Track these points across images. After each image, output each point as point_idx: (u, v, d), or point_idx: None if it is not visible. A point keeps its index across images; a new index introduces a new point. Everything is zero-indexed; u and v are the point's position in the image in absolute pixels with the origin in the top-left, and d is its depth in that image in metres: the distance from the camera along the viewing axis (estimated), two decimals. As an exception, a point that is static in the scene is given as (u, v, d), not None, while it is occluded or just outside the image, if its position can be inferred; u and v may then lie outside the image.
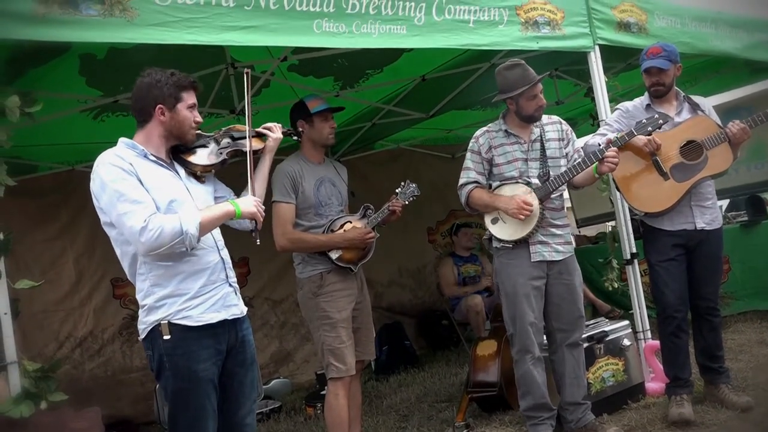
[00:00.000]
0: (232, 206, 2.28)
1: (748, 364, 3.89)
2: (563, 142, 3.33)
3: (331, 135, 3.32)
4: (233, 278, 2.38)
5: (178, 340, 2.15)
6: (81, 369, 5.12)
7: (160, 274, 2.17)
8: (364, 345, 3.30)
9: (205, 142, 2.44)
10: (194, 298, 2.19)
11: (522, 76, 3.15)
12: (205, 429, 2.19)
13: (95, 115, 4.33)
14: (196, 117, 2.32)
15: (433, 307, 6.66)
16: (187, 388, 2.17)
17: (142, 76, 2.28)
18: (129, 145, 2.24)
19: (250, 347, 2.40)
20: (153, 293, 2.17)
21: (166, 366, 2.16)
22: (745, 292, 5.13)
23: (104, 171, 2.13)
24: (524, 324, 3.15)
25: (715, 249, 3.31)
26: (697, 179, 3.18)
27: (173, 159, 2.35)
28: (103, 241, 5.69)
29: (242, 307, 2.38)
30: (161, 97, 2.24)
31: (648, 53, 3.30)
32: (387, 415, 4.36)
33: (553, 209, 3.25)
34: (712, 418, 3.13)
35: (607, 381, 3.54)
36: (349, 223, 3.27)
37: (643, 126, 3.09)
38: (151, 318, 2.17)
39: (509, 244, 3.20)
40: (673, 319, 3.25)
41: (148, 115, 2.26)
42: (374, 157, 6.71)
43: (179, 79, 2.27)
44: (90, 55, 3.47)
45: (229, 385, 2.31)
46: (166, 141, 2.30)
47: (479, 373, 3.87)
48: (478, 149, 3.30)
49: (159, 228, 2.06)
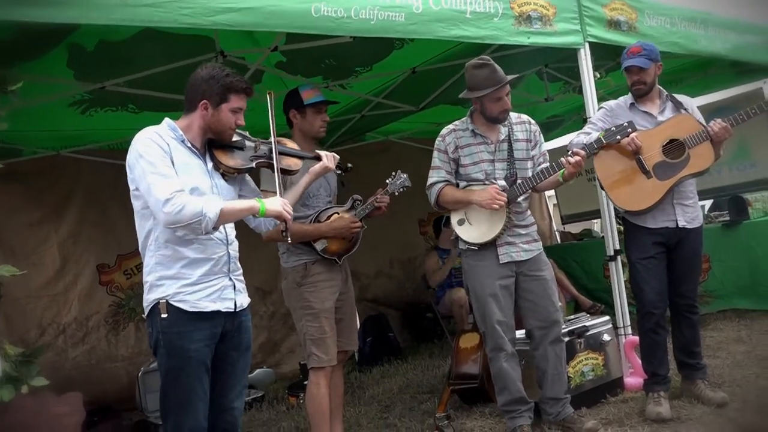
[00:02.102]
0: (258, 203, 2.35)
1: (725, 361, 3.96)
2: (531, 143, 3.33)
3: (322, 128, 3.31)
4: (237, 273, 2.45)
5: (174, 319, 2.23)
6: (64, 356, 5.07)
7: (166, 254, 2.26)
8: (347, 336, 3.32)
9: (242, 145, 2.50)
10: (193, 285, 2.27)
11: (488, 77, 3.13)
12: (194, 408, 2.25)
13: (83, 110, 4.31)
14: (239, 120, 2.40)
15: (417, 300, 6.68)
16: (178, 366, 2.24)
17: (200, 68, 2.38)
18: (171, 127, 2.35)
19: (246, 333, 2.48)
20: (155, 271, 2.26)
21: (161, 344, 2.24)
22: (725, 291, 5.19)
23: (141, 144, 2.23)
24: (492, 323, 3.18)
25: (695, 247, 3.36)
26: (679, 177, 3.22)
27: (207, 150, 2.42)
28: (89, 226, 5.67)
29: (240, 301, 2.44)
30: (208, 93, 2.32)
31: (628, 52, 3.33)
32: (369, 405, 4.39)
33: (518, 212, 3.27)
34: (688, 413, 3.18)
35: (586, 375, 3.59)
36: (336, 214, 3.27)
37: (612, 134, 3.14)
38: (152, 296, 2.27)
39: (475, 246, 3.22)
40: (652, 315, 3.29)
41: (193, 105, 2.35)
42: (364, 148, 6.70)
43: (232, 81, 2.34)
44: (79, 46, 3.44)
45: (222, 367, 2.37)
46: (203, 133, 2.38)
47: (461, 366, 3.91)
48: (445, 148, 3.30)
49: (182, 204, 2.14)
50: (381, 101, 5.27)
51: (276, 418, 4.47)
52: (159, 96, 4.24)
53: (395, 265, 6.89)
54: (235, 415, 2.45)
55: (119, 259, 5.39)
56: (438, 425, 3.37)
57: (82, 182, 5.29)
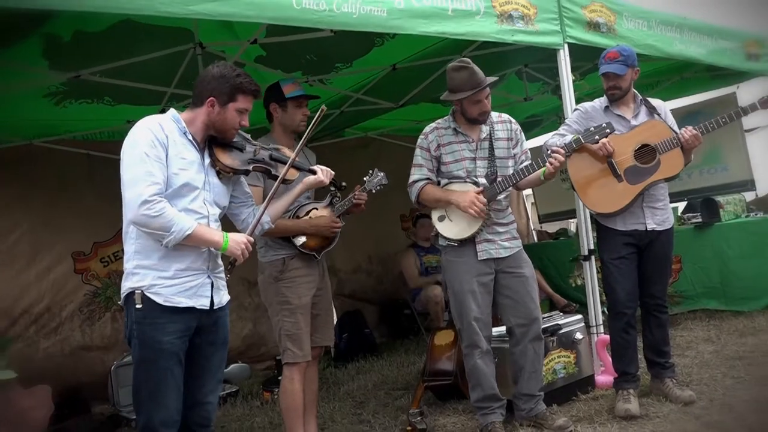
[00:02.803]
0: (223, 240, 2.34)
1: (694, 360, 4.03)
2: (512, 142, 3.36)
3: (303, 122, 3.29)
4: (218, 271, 2.44)
5: (148, 310, 2.23)
6: (35, 347, 4.95)
7: (145, 244, 2.26)
8: (322, 331, 3.31)
9: (242, 146, 2.51)
10: (169, 279, 2.26)
11: (468, 80, 3.15)
12: (166, 400, 2.24)
13: (58, 101, 4.23)
14: (243, 121, 2.42)
15: (395, 296, 6.71)
16: (151, 358, 2.23)
17: (213, 65, 2.41)
18: (175, 118, 2.35)
19: (223, 328, 2.46)
20: (133, 259, 2.27)
21: (135, 334, 2.24)
22: (695, 291, 5.28)
23: (139, 132, 2.24)
24: (469, 320, 3.21)
25: (665, 249, 3.41)
26: (649, 182, 3.27)
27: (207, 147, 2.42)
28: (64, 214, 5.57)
29: (219, 299, 2.42)
30: (217, 91, 2.34)
31: (606, 57, 3.36)
32: (343, 401, 4.40)
33: (499, 210, 3.30)
34: (656, 410, 3.24)
35: (558, 373, 3.63)
36: (315, 210, 3.26)
37: (591, 134, 3.17)
38: (128, 284, 2.26)
39: (454, 242, 3.24)
40: (623, 315, 3.34)
41: (200, 101, 2.36)
42: (343, 144, 6.70)
43: (242, 82, 2.36)
44: (55, 36, 3.37)
45: (197, 361, 2.37)
46: (206, 129, 2.39)
47: (436, 362, 3.93)
48: (427, 146, 3.32)
49: (158, 213, 2.16)
50: (361, 97, 5.27)
51: (250, 414, 4.46)
52: (135, 86, 4.18)
53: (374, 260, 6.89)
54: (209, 409, 2.44)
55: (96, 246, 5.30)
56: (411, 421, 3.38)
57: (54, 171, 5.18)
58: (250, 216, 2.61)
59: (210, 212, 2.39)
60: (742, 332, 4.53)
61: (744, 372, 3.63)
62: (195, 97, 2.39)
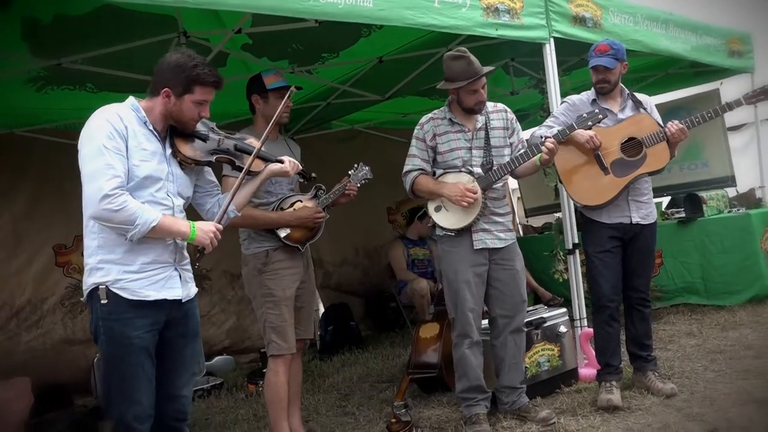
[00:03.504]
0: (189, 230, 2.27)
1: (676, 353, 4.08)
2: (508, 131, 3.37)
3: (285, 113, 3.26)
4: (184, 263, 2.38)
5: (114, 306, 2.16)
6: (16, 341, 4.91)
7: (109, 238, 2.19)
8: (305, 324, 3.31)
9: (205, 136, 2.43)
10: (136, 273, 2.20)
11: (464, 69, 3.15)
12: (139, 395, 2.19)
13: (39, 87, 4.16)
14: (203, 112, 2.34)
15: (381, 289, 6.70)
16: (120, 354, 2.18)
17: (171, 52, 2.32)
18: (134, 107, 2.28)
19: (193, 320, 2.41)
20: (96, 254, 2.19)
21: (101, 331, 2.18)
22: (675, 286, 5.32)
23: (97, 123, 2.16)
24: (464, 309, 3.22)
25: (648, 243, 3.44)
26: (636, 175, 3.29)
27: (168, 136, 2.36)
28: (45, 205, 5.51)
29: (187, 292, 2.36)
30: (172, 82, 2.25)
31: (596, 50, 3.36)
32: (328, 393, 4.40)
33: (495, 198, 3.31)
34: (639, 403, 3.27)
35: (542, 365, 3.65)
36: (299, 202, 3.25)
37: (584, 120, 3.16)
38: (91, 280, 2.20)
39: (451, 232, 3.25)
40: (606, 308, 3.37)
41: (157, 90, 2.28)
42: (330, 135, 6.67)
43: (200, 73, 2.26)
44: (34, 19, 3.31)
45: (169, 355, 2.32)
46: (165, 119, 2.32)
47: (420, 355, 3.94)
48: (423, 136, 3.32)
49: (120, 206, 2.09)
50: (347, 89, 5.24)
51: (234, 406, 4.45)
52: (117, 74, 4.12)
53: (361, 253, 6.89)
54: (184, 403, 2.39)
55: (77, 239, 5.21)
56: (396, 414, 3.38)
57: (36, 161, 5.12)
58: (215, 206, 2.54)
59: (174, 203, 2.33)
60: (724, 326, 4.59)
61: (725, 365, 3.67)
62: (152, 84, 2.30)
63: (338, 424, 3.67)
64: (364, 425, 3.60)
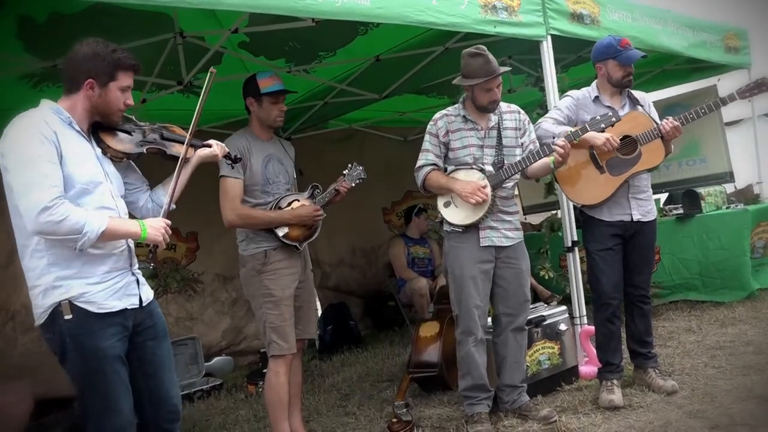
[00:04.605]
0: (140, 228, 2.18)
1: (676, 350, 4.08)
2: (519, 131, 3.36)
3: (279, 118, 3.25)
4: (136, 266, 2.33)
5: (80, 319, 2.07)
6: (13, 344, 4.88)
7: (61, 253, 2.07)
8: (305, 324, 3.30)
9: (130, 129, 2.35)
10: (97, 284, 2.12)
11: (481, 67, 3.16)
12: (120, 404, 2.12)
13: (35, 83, 4.11)
14: (128, 100, 2.24)
15: (379, 288, 6.70)
16: (94, 368, 2.09)
17: (81, 43, 2.17)
18: (54, 110, 2.14)
19: (159, 319, 2.35)
20: (49, 272, 2.07)
21: (70, 347, 2.07)
22: (672, 282, 5.31)
23: (22, 130, 2.02)
24: (469, 306, 3.21)
25: (649, 240, 3.44)
26: (631, 173, 3.29)
27: (91, 135, 2.26)
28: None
29: (146, 295, 2.30)
30: (94, 71, 2.14)
31: (623, 44, 3.31)
32: (328, 393, 4.39)
33: (505, 197, 3.30)
34: (639, 400, 3.27)
35: (542, 364, 3.65)
36: (296, 201, 3.24)
37: (597, 122, 3.13)
38: (49, 300, 2.07)
39: (459, 228, 3.25)
40: (608, 306, 3.36)
41: (77, 85, 2.16)
42: (327, 135, 6.66)
43: (120, 57, 2.17)
44: (29, 18, 3.28)
45: (146, 360, 2.27)
46: (89, 116, 2.21)
47: (421, 354, 3.93)
48: (436, 132, 3.31)
49: (63, 216, 1.96)
50: (344, 88, 5.22)
51: (234, 406, 4.44)
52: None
53: (358, 253, 6.88)
54: (174, 402, 2.34)
55: (72, 244, 5.22)
56: (396, 413, 3.38)
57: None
58: (148, 201, 2.44)
59: (119, 206, 2.26)
60: (723, 322, 4.59)
61: (725, 362, 3.67)
62: (69, 81, 2.17)
63: (339, 424, 3.66)
64: (365, 425, 3.59)
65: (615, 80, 3.37)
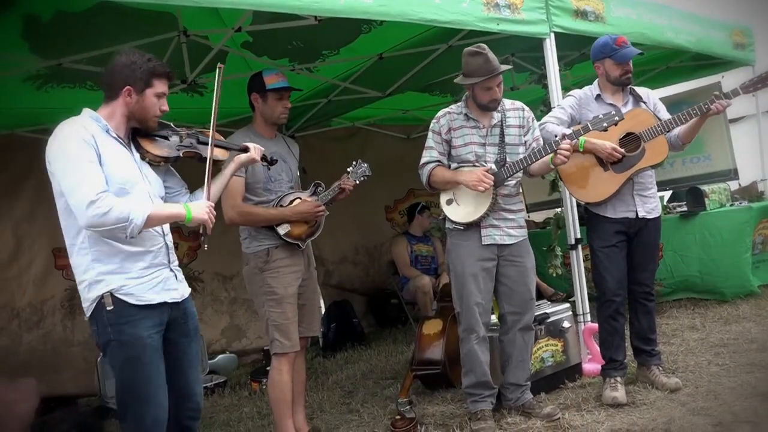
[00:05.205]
0: (184, 210, 2.30)
1: (679, 347, 4.07)
2: (523, 129, 3.35)
3: (283, 115, 3.24)
4: (175, 263, 2.42)
5: (121, 310, 2.17)
6: (18, 342, 4.94)
7: (103, 250, 2.19)
8: (308, 321, 3.30)
9: (168, 134, 2.45)
10: (136, 278, 2.23)
11: (482, 66, 3.15)
12: (158, 397, 2.21)
13: (39, 85, 4.14)
14: (163, 106, 2.34)
15: (382, 286, 6.71)
16: (135, 355, 2.18)
17: (119, 54, 2.30)
18: (93, 117, 2.26)
19: (193, 319, 2.44)
20: (93, 268, 2.18)
21: (112, 337, 2.18)
22: (673, 280, 5.30)
23: (64, 137, 2.15)
24: (470, 304, 3.21)
25: (654, 237, 3.43)
26: (634, 171, 3.28)
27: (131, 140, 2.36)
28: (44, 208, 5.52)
29: (183, 291, 2.40)
30: (132, 78, 2.26)
31: (618, 42, 3.30)
32: (332, 391, 4.40)
33: (507, 195, 3.29)
34: (643, 398, 3.27)
35: (546, 361, 3.65)
36: (298, 199, 3.23)
37: (599, 121, 3.10)
38: (93, 294, 2.19)
39: (461, 225, 3.25)
40: (612, 303, 3.36)
41: (116, 93, 2.28)
42: (331, 133, 6.67)
43: (155, 65, 2.30)
44: (34, 16, 3.30)
45: (175, 356, 2.34)
46: (127, 121, 2.32)
47: (424, 352, 3.94)
48: (439, 130, 3.31)
49: (108, 207, 2.07)
50: (348, 86, 5.23)
51: (238, 404, 4.45)
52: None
53: (360, 251, 6.89)
54: (197, 400, 2.44)
55: (77, 241, 5.25)
56: (400, 410, 3.38)
57: (37, 163, 5.04)
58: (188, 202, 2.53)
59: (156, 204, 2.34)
60: (727, 320, 4.58)
61: (729, 359, 3.67)
62: (108, 89, 2.30)
63: (342, 422, 3.67)
64: (368, 422, 3.60)
65: (613, 78, 3.37)
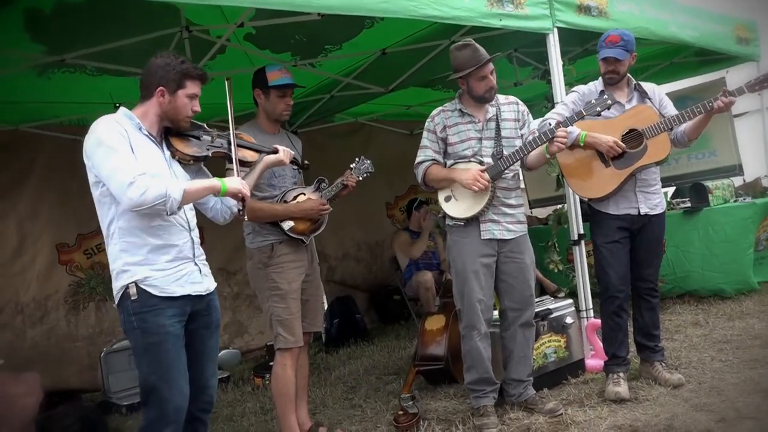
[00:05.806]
0: (218, 182, 2.37)
1: (683, 344, 4.07)
2: (519, 123, 3.36)
3: (285, 112, 3.24)
4: (201, 258, 2.47)
5: (145, 299, 2.24)
6: (22, 337, 4.95)
7: (130, 241, 2.27)
8: (312, 317, 3.31)
9: (199, 134, 2.53)
10: (161, 270, 2.29)
11: (471, 56, 3.16)
12: (180, 383, 2.25)
13: (39, 71, 4.13)
14: (195, 107, 2.42)
15: (385, 282, 6.71)
16: (157, 342, 2.24)
17: (155, 56, 2.40)
18: (127, 115, 2.36)
19: (215, 312, 2.50)
20: (120, 258, 2.27)
21: (134, 324, 2.24)
22: (674, 276, 5.29)
23: (101, 130, 2.24)
24: (472, 300, 3.21)
25: (657, 233, 3.42)
26: (636, 167, 3.27)
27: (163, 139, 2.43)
28: (48, 204, 5.54)
29: (208, 285, 2.46)
30: (165, 79, 2.34)
31: (607, 41, 3.31)
32: (335, 386, 4.41)
33: (506, 188, 3.29)
34: (646, 394, 3.27)
35: (549, 357, 3.65)
36: (302, 195, 3.24)
37: (592, 106, 3.11)
38: (119, 283, 2.27)
39: (460, 221, 3.24)
40: (615, 299, 3.35)
41: (150, 93, 2.37)
42: (333, 129, 6.66)
43: (188, 68, 2.38)
44: (36, 9, 3.30)
45: (195, 347, 2.39)
46: (160, 120, 2.40)
47: (427, 347, 3.94)
48: (434, 128, 3.32)
49: (146, 187, 2.15)
50: (351, 82, 5.22)
51: (241, 399, 4.46)
52: (120, 69, 4.12)
53: (362, 247, 6.90)
54: (211, 393, 2.49)
55: (80, 238, 5.27)
56: (403, 406, 3.39)
57: (41, 158, 5.13)
58: (217, 202, 2.61)
59: None
60: (730, 316, 4.57)
61: (732, 355, 3.66)
62: (143, 89, 2.39)
63: (345, 417, 3.68)
64: (371, 417, 3.61)
65: (602, 75, 3.37)
